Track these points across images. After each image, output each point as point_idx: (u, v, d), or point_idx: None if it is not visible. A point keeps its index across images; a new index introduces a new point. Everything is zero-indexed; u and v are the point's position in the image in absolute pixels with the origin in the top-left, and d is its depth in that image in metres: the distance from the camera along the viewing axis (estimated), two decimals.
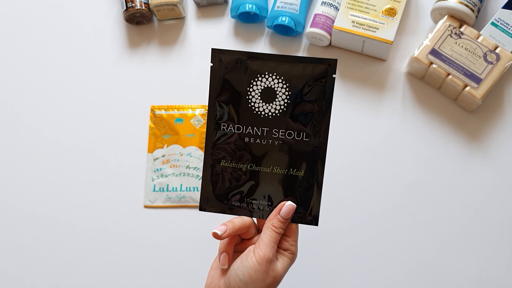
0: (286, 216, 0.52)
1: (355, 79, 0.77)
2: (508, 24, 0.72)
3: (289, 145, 0.52)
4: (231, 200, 0.54)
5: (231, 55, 0.52)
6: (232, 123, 0.52)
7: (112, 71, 0.80)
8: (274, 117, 0.52)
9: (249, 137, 0.52)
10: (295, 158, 0.52)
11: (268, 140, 0.52)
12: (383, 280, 0.69)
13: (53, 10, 0.84)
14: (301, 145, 0.52)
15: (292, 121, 0.52)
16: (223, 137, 0.53)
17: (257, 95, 0.52)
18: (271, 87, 0.51)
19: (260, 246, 0.50)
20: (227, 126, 0.53)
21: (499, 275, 0.69)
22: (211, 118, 0.53)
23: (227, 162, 0.53)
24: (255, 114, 0.52)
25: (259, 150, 0.52)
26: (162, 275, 0.72)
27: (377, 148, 0.74)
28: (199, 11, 0.83)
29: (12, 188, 0.76)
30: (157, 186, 0.74)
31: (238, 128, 0.52)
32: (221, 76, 0.52)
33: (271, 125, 0.52)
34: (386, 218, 0.71)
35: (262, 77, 0.51)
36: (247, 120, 0.52)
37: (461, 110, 0.75)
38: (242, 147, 0.53)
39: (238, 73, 0.52)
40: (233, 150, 0.53)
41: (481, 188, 0.72)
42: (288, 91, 0.51)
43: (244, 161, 0.53)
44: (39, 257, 0.73)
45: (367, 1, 0.74)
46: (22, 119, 0.79)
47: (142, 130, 0.77)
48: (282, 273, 0.51)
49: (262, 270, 0.49)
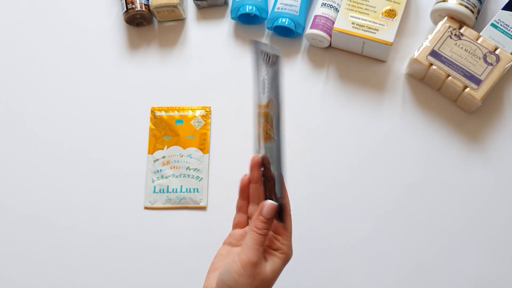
0: (268, 216, 0.50)
1: (355, 80, 0.77)
2: (508, 26, 0.72)
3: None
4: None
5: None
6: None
7: (112, 72, 0.81)
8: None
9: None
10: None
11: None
12: (383, 281, 0.69)
13: (53, 12, 0.84)
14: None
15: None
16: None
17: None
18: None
19: (244, 250, 0.49)
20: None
21: (499, 276, 0.68)
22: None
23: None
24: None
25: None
26: (162, 276, 0.72)
27: (377, 149, 0.74)
28: (199, 12, 0.83)
29: (12, 190, 0.76)
30: (157, 187, 0.74)
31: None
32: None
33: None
34: (386, 219, 0.71)
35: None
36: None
37: (461, 111, 0.75)
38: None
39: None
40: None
41: (480, 189, 0.72)
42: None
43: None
44: (39, 258, 0.73)
45: (367, 3, 0.74)
46: (22, 121, 0.79)
47: (142, 131, 0.77)
48: (271, 275, 0.49)
49: (247, 275, 0.48)
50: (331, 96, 0.77)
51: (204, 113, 0.77)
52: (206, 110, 0.77)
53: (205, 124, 0.77)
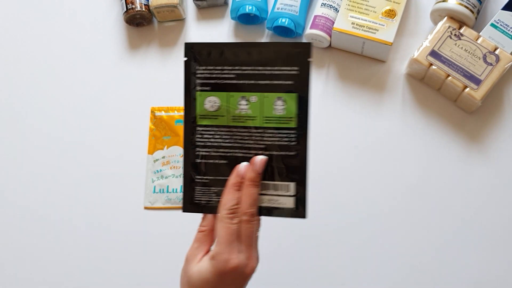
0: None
1: (355, 80, 0.77)
2: (507, 26, 0.72)
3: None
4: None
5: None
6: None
7: (112, 72, 0.81)
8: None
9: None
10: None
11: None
12: (383, 281, 0.69)
13: (53, 12, 0.84)
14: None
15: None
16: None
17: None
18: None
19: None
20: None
21: (498, 276, 0.68)
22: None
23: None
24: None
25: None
26: (162, 276, 0.71)
27: (377, 149, 0.74)
28: (199, 12, 0.83)
29: (12, 189, 0.76)
30: (157, 187, 0.74)
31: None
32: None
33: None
34: (386, 219, 0.71)
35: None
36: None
37: (461, 111, 0.75)
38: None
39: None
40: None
41: (480, 189, 0.72)
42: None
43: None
44: (39, 258, 0.73)
45: (366, 3, 0.74)
46: (23, 122, 0.79)
47: (142, 131, 0.77)
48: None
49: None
50: (331, 96, 0.77)
51: None
52: None
53: None
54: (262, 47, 0.51)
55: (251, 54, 0.51)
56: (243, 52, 0.51)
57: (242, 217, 0.49)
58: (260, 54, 0.51)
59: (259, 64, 0.51)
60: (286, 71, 0.50)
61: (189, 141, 0.54)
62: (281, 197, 0.52)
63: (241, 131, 0.52)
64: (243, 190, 0.50)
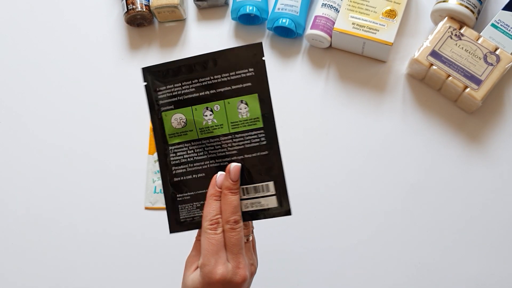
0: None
1: (355, 80, 0.77)
2: (508, 26, 0.72)
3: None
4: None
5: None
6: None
7: (113, 73, 0.81)
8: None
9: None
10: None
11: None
12: (383, 281, 0.69)
13: (53, 12, 0.84)
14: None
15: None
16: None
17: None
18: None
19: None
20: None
21: (499, 277, 0.69)
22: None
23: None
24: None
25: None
26: (163, 276, 0.72)
27: (377, 150, 0.74)
28: (199, 13, 0.83)
29: (13, 190, 0.76)
30: (158, 187, 0.75)
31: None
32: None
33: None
34: (387, 219, 0.71)
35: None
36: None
37: (461, 112, 0.75)
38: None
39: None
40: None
41: (481, 189, 0.72)
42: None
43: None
44: (40, 259, 0.73)
45: (367, 3, 0.74)
46: (23, 121, 0.79)
47: (143, 131, 0.77)
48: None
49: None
50: (331, 97, 0.77)
51: None
52: None
53: None
54: (217, 56, 0.52)
55: (207, 64, 0.52)
56: (199, 64, 0.52)
57: (225, 226, 0.49)
58: (215, 63, 0.52)
59: (216, 72, 0.52)
60: (242, 74, 0.51)
61: (164, 163, 0.54)
62: (263, 198, 0.52)
63: (211, 141, 0.52)
64: (222, 200, 0.50)
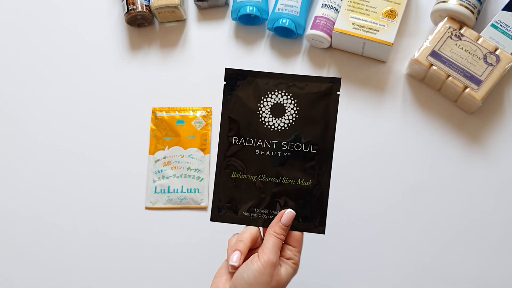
0: (287, 223, 0.54)
1: (356, 81, 0.77)
2: (508, 26, 0.72)
3: (297, 156, 0.55)
4: (241, 211, 0.56)
5: (242, 74, 0.55)
6: (243, 137, 0.55)
7: (114, 73, 0.81)
8: (283, 131, 0.55)
9: (259, 149, 0.55)
10: (303, 169, 0.55)
11: (278, 152, 0.55)
12: (384, 281, 0.69)
13: (54, 13, 0.85)
14: (308, 157, 0.55)
15: (300, 134, 0.55)
16: (235, 150, 0.56)
17: (267, 110, 0.55)
18: (281, 103, 0.55)
19: (264, 251, 0.52)
20: (238, 139, 0.56)
21: (499, 277, 0.69)
22: (224, 132, 0.56)
23: (238, 174, 0.56)
24: (265, 128, 0.55)
25: (269, 162, 0.55)
26: (163, 276, 0.72)
27: (377, 150, 0.74)
28: (200, 13, 0.83)
29: (13, 191, 0.76)
30: (158, 187, 0.75)
31: (249, 141, 0.55)
32: (234, 93, 0.55)
33: (280, 137, 0.55)
34: (387, 219, 0.71)
35: (272, 94, 0.55)
36: (258, 133, 0.55)
37: (461, 112, 0.75)
38: (253, 159, 0.55)
39: (248, 90, 0.55)
40: (244, 162, 0.55)
41: (481, 189, 0.72)
42: (296, 106, 0.55)
43: (254, 172, 0.55)
44: (41, 259, 0.73)
45: (367, 3, 0.74)
46: (23, 123, 0.79)
47: (143, 132, 0.77)
48: (285, 279, 0.53)
49: (267, 273, 0.51)
50: None
51: (205, 114, 0.77)
52: (207, 110, 0.77)
53: (206, 124, 0.77)
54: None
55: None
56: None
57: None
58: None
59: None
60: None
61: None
62: None
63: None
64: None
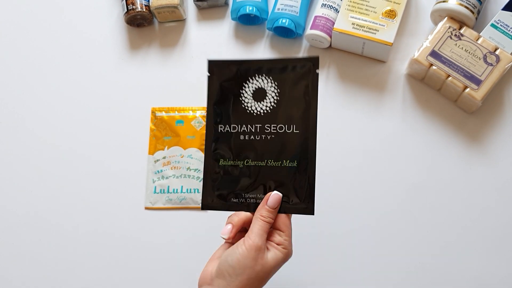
0: (273, 205, 0.54)
1: (355, 80, 0.77)
2: (508, 26, 0.72)
3: (281, 138, 0.55)
4: (229, 197, 0.56)
5: (224, 64, 0.56)
6: (228, 124, 0.56)
7: (113, 73, 0.81)
8: (266, 114, 0.56)
9: (244, 134, 0.56)
10: (287, 149, 0.55)
11: (261, 135, 0.55)
12: (384, 281, 0.69)
13: (54, 13, 0.85)
14: (292, 137, 0.55)
15: (282, 116, 0.55)
16: (221, 138, 0.56)
17: (249, 96, 0.56)
18: (261, 87, 0.55)
19: (250, 235, 0.52)
20: (223, 127, 0.56)
21: (499, 277, 0.69)
22: (210, 121, 0.57)
23: (225, 161, 0.56)
24: (249, 113, 0.56)
25: (254, 146, 0.56)
26: (163, 276, 0.72)
27: (377, 150, 0.74)
28: (199, 13, 0.83)
29: (13, 191, 0.76)
30: (158, 187, 0.75)
31: (233, 128, 0.56)
32: (217, 83, 0.56)
33: (263, 121, 0.56)
34: (387, 219, 0.71)
35: (253, 79, 0.55)
36: (241, 119, 0.56)
37: (461, 112, 0.75)
38: (238, 145, 0.56)
39: (231, 78, 0.56)
40: (230, 149, 0.56)
41: (481, 189, 0.72)
42: (277, 89, 0.55)
43: (241, 158, 0.56)
44: (40, 259, 0.73)
45: (367, 3, 0.74)
46: (23, 122, 0.79)
47: (143, 132, 0.77)
48: (271, 264, 0.52)
49: (251, 257, 0.51)
50: (331, 97, 0.77)
51: (204, 114, 0.77)
52: (207, 111, 0.77)
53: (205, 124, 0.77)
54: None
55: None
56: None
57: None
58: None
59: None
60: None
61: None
62: None
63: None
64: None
